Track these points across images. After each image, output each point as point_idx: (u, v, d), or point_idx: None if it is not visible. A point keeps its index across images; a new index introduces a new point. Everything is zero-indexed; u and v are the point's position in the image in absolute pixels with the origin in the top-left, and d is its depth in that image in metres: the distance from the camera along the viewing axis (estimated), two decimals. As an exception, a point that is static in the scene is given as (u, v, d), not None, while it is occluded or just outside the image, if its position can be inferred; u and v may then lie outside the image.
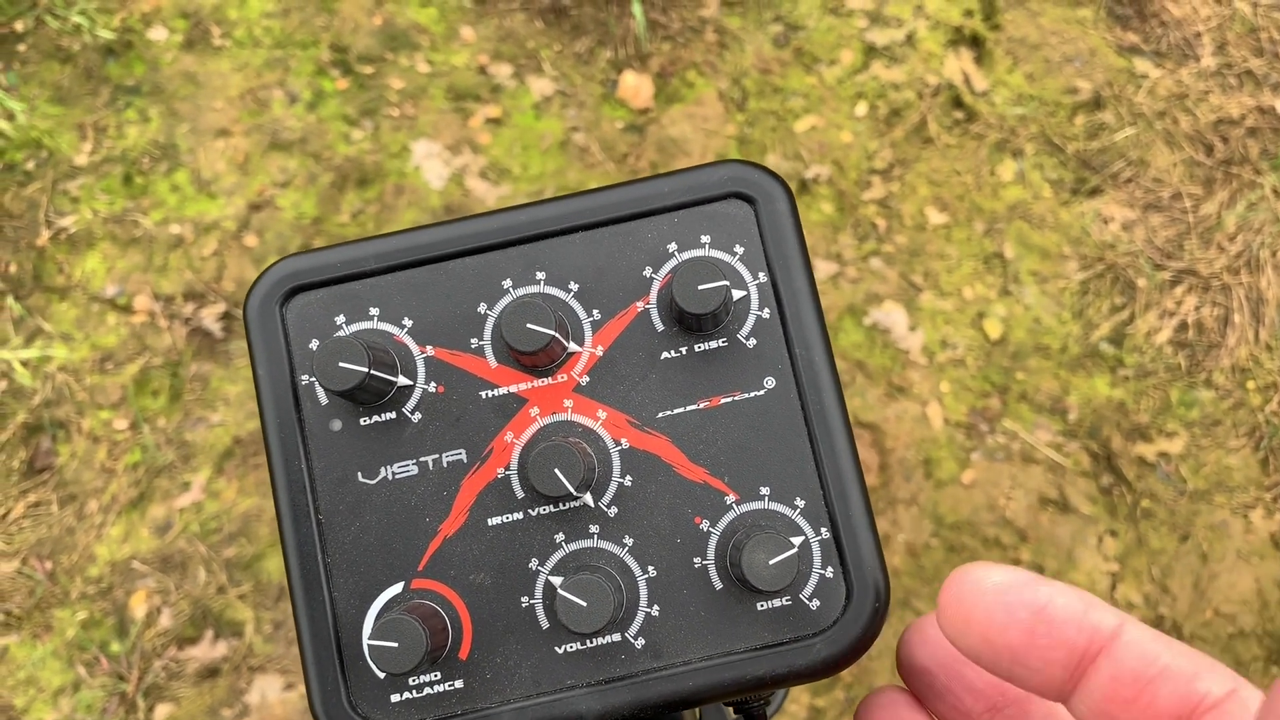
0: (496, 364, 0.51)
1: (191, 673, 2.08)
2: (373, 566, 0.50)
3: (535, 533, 0.50)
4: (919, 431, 2.17)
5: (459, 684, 0.49)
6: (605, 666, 0.49)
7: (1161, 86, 2.38)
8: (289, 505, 0.50)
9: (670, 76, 2.45)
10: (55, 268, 2.31)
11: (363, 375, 0.46)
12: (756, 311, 0.51)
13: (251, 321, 0.51)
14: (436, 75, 2.44)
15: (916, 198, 2.33)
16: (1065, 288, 2.25)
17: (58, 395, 2.22)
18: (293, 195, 2.34)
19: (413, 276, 0.52)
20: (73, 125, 2.41)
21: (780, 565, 0.46)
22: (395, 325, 0.51)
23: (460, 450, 0.50)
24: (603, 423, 0.51)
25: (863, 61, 2.44)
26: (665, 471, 0.50)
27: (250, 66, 2.45)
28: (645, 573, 0.50)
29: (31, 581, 2.11)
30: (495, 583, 0.50)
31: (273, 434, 0.50)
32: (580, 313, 0.51)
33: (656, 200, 0.52)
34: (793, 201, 0.52)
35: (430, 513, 0.50)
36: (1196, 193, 2.31)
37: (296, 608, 0.49)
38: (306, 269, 0.51)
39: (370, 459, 0.50)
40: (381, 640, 0.45)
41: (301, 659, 0.49)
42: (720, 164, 0.52)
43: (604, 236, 0.52)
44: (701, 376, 0.51)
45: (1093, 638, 0.38)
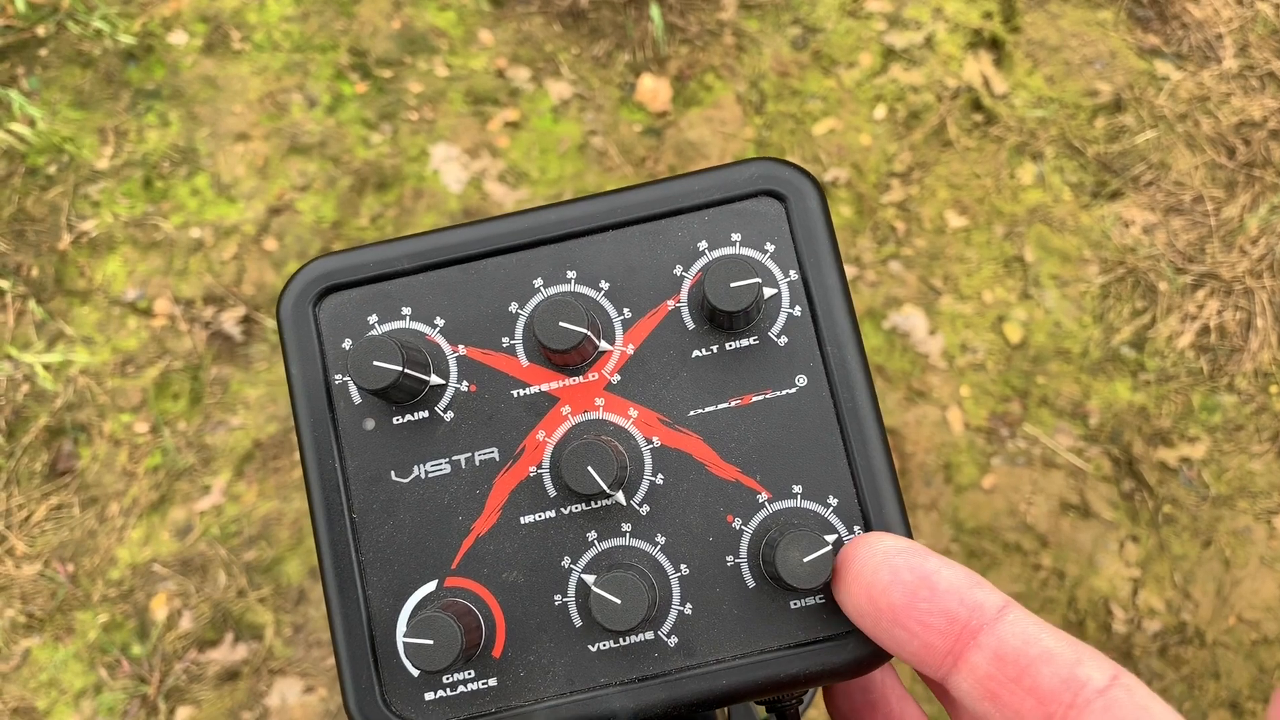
0: (528, 363, 0.51)
1: (212, 675, 2.08)
2: (406, 565, 0.50)
3: (568, 531, 0.50)
4: (939, 436, 2.16)
5: (493, 682, 0.49)
6: (638, 664, 0.49)
7: (1183, 89, 2.37)
8: (323, 504, 0.50)
9: (688, 79, 2.45)
10: (76, 271, 2.32)
11: (396, 374, 0.46)
12: (788, 309, 0.51)
13: (285, 321, 0.51)
14: (455, 79, 2.45)
15: (936, 201, 2.32)
16: (1086, 291, 2.24)
17: (79, 398, 2.23)
18: (312, 199, 2.35)
19: (444, 276, 0.52)
20: (94, 129, 2.42)
21: (814, 563, 0.45)
22: (427, 325, 0.51)
23: (493, 449, 0.50)
24: (634, 421, 0.50)
25: (881, 64, 2.43)
26: (697, 470, 0.50)
27: (269, 70, 2.46)
28: (678, 571, 0.49)
29: (53, 584, 2.12)
30: (528, 581, 0.50)
31: (306, 433, 0.50)
32: (611, 311, 0.51)
33: (687, 198, 0.52)
34: (824, 198, 0.52)
35: (463, 511, 0.50)
36: (1218, 196, 2.29)
37: (330, 606, 0.49)
38: (339, 269, 0.52)
39: (403, 457, 0.50)
40: (417, 638, 0.45)
41: (335, 657, 0.49)
42: (750, 161, 0.52)
43: (634, 235, 0.52)
44: (733, 375, 0.51)
45: (975, 613, 0.39)
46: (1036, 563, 2.10)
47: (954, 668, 0.39)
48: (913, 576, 0.40)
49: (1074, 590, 2.08)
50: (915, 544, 0.42)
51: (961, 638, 0.39)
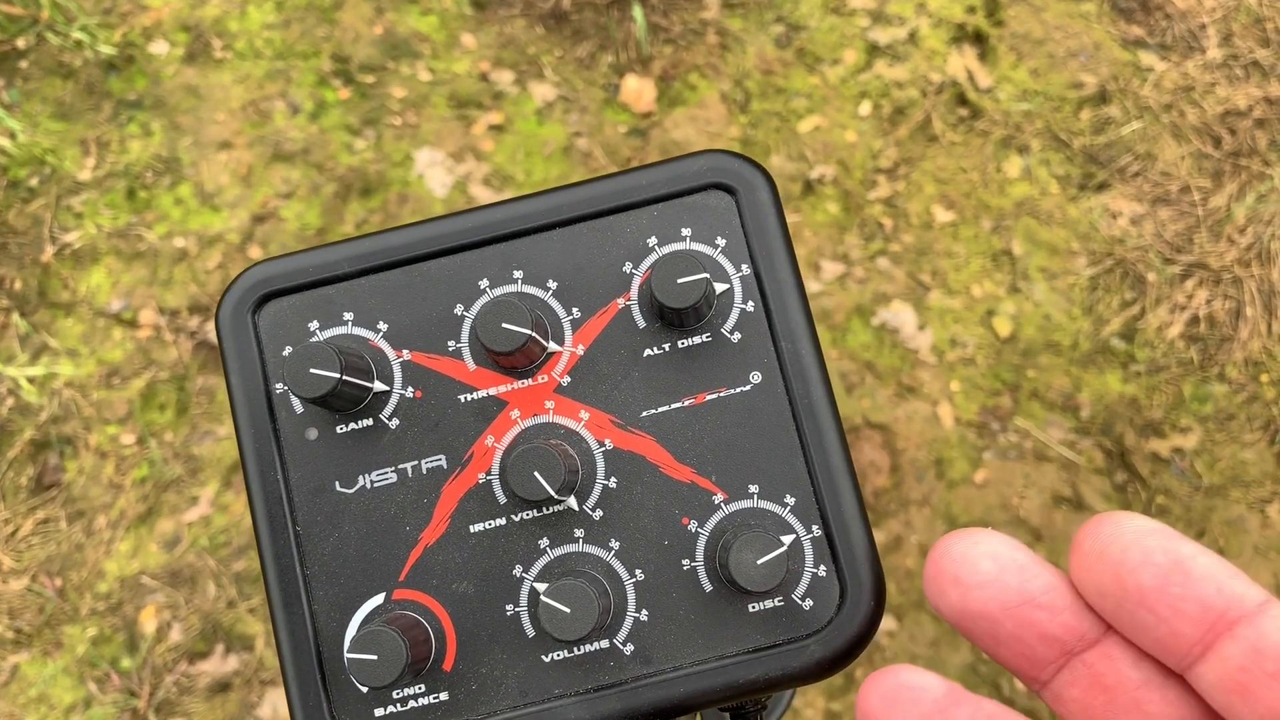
0: (475, 366, 0.50)
1: (203, 687, 2.07)
2: (353, 578, 0.48)
3: (519, 539, 0.49)
4: (930, 431, 2.15)
5: (444, 696, 0.48)
6: (593, 674, 0.48)
7: (1167, 79, 2.36)
8: (266, 517, 0.49)
9: (672, 79, 2.44)
10: (60, 283, 2.30)
11: (335, 381, 0.45)
12: (740, 305, 0.50)
13: (224, 330, 0.50)
14: (438, 83, 2.44)
15: (923, 196, 2.31)
16: (1074, 284, 2.23)
17: (64, 411, 2.21)
18: (296, 206, 2.34)
19: (387, 279, 0.50)
20: (75, 141, 2.41)
21: (769, 565, 0.44)
22: (370, 329, 0.50)
23: (440, 456, 0.49)
24: (585, 424, 0.49)
25: (865, 60, 2.42)
26: (651, 472, 0.49)
27: (252, 78, 2.45)
28: (633, 576, 0.48)
29: (41, 599, 2.11)
30: (479, 591, 0.48)
31: (248, 444, 0.49)
32: (560, 311, 0.50)
33: (635, 193, 0.50)
34: (775, 190, 0.51)
35: (411, 521, 0.49)
36: (1205, 185, 2.28)
37: (276, 621, 0.48)
38: (278, 274, 0.50)
39: (348, 467, 0.49)
40: (360, 653, 0.44)
41: (282, 674, 0.48)
42: (699, 154, 0.51)
43: (582, 232, 0.51)
44: (685, 373, 0.49)
45: (1233, 604, 0.37)
46: (1030, 557, 2.09)
47: (1201, 658, 0.38)
48: (1166, 559, 0.38)
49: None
50: (1166, 526, 0.39)
51: (1215, 628, 0.37)
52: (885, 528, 2.10)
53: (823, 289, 2.25)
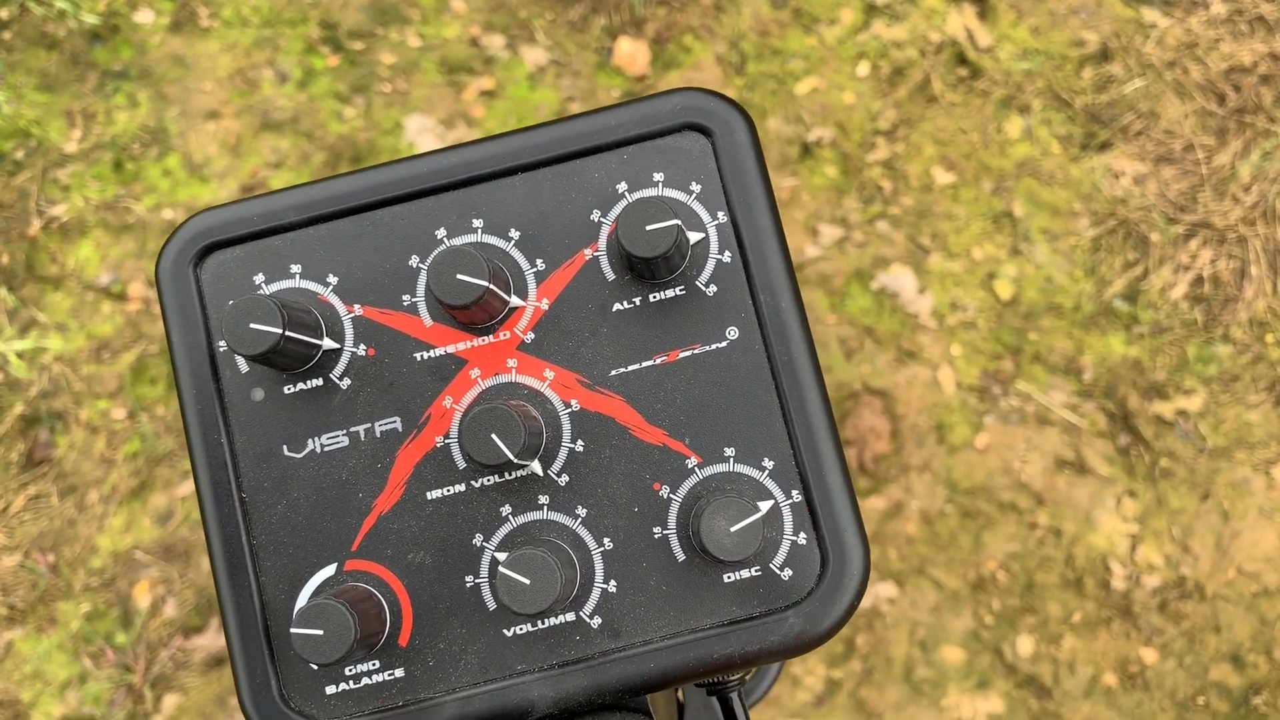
0: (432, 322, 0.46)
1: (198, 662, 2.05)
2: (303, 548, 0.46)
3: (479, 506, 0.46)
4: (931, 396, 2.12)
5: (399, 673, 0.45)
6: (558, 649, 0.45)
7: (1171, 36, 2.32)
8: (209, 483, 0.46)
9: (666, 42, 2.39)
10: (48, 257, 2.27)
11: (276, 338, 0.42)
12: (716, 255, 0.46)
13: (164, 284, 0.47)
14: (428, 49, 2.40)
15: (922, 158, 2.28)
16: (1077, 245, 2.19)
17: (54, 386, 2.19)
18: (286, 176, 2.30)
19: (337, 228, 0.47)
20: (61, 112, 2.37)
21: (743, 533, 0.41)
22: (319, 283, 0.47)
23: (394, 418, 0.46)
24: (550, 383, 0.46)
25: (863, 20, 2.38)
26: (620, 434, 0.46)
27: (239, 46, 2.41)
28: (601, 545, 0.45)
29: (34, 575, 2.09)
30: (436, 562, 0.45)
31: (189, 406, 0.46)
32: (523, 263, 0.47)
33: (603, 135, 0.47)
34: (754, 132, 0.47)
35: (364, 487, 0.46)
36: (1209, 143, 2.24)
37: (221, 594, 0.45)
38: (220, 224, 0.47)
39: (296, 430, 0.46)
40: (306, 628, 0.41)
41: (229, 650, 0.45)
42: (673, 93, 0.48)
43: (547, 178, 0.47)
44: (658, 329, 0.46)
45: None
46: (1033, 521, 2.06)
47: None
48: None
49: (1071, 548, 2.04)
50: None
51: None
52: (885, 494, 2.08)
53: (821, 253, 2.22)
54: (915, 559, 2.05)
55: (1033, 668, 1.98)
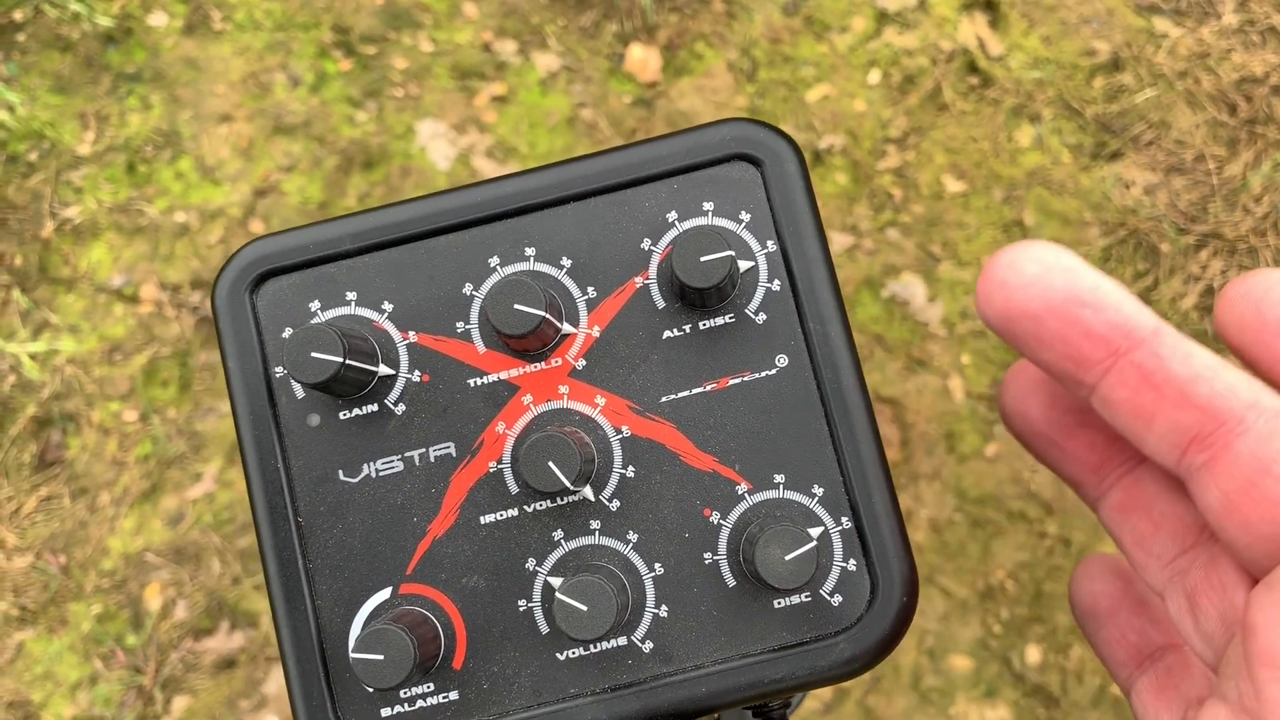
0: (485, 349, 0.47)
1: (208, 664, 2.06)
2: (358, 571, 0.46)
3: (532, 530, 0.46)
4: (940, 405, 2.13)
5: (454, 695, 0.45)
6: (611, 673, 0.45)
7: (1182, 46, 2.32)
8: (266, 507, 0.46)
9: (678, 48, 2.40)
10: (61, 259, 2.28)
11: (337, 366, 0.43)
12: (765, 283, 0.47)
13: (220, 311, 0.48)
14: (440, 54, 2.40)
15: (933, 166, 2.28)
16: (1087, 254, 2.20)
17: (66, 388, 2.20)
18: (298, 180, 2.31)
19: (392, 256, 0.48)
20: (74, 114, 2.38)
21: (798, 561, 0.42)
22: (374, 310, 0.47)
23: (448, 443, 0.47)
24: (601, 409, 0.47)
25: (875, 28, 2.38)
26: (670, 460, 0.46)
27: (252, 50, 2.42)
28: (652, 571, 0.46)
29: (45, 576, 2.10)
30: (490, 586, 0.46)
31: (246, 431, 0.47)
32: (574, 291, 0.47)
33: (654, 165, 0.48)
34: (803, 162, 0.48)
35: (418, 512, 0.46)
36: (1220, 154, 2.25)
37: (277, 617, 0.46)
38: (277, 252, 0.48)
39: (352, 455, 0.47)
40: (366, 653, 0.41)
41: (285, 673, 0.46)
42: (722, 123, 0.48)
43: (598, 207, 0.48)
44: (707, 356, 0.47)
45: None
46: (1042, 530, 2.07)
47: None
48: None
49: (1081, 557, 2.05)
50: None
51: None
52: (895, 502, 2.08)
53: (832, 261, 2.22)
54: (924, 567, 2.05)
55: (1041, 677, 1.99)
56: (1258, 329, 0.40)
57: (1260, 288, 0.40)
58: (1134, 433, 0.41)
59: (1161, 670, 0.49)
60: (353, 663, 0.41)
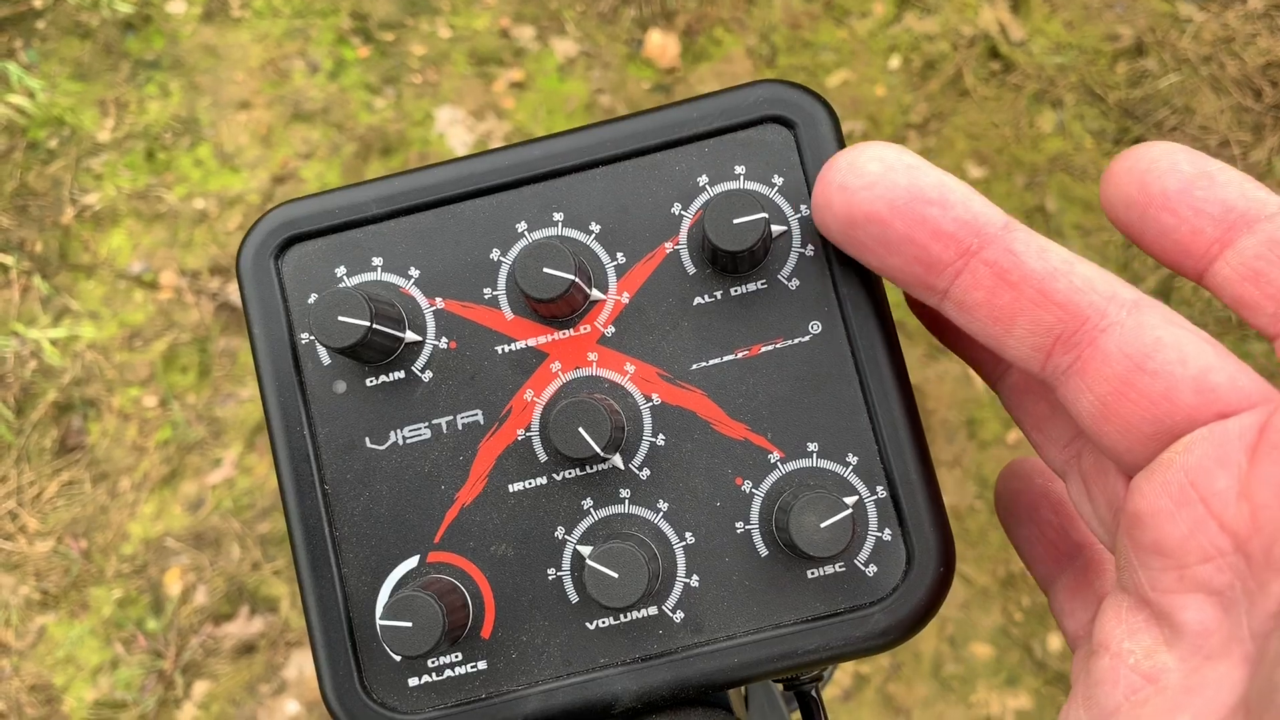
0: (513, 315, 0.46)
1: (228, 649, 2.06)
2: (385, 540, 0.46)
3: (560, 499, 0.45)
4: (961, 392, 2.12)
5: (482, 665, 0.45)
6: (641, 643, 0.45)
7: (1207, 30, 2.30)
8: (292, 475, 0.46)
9: (697, 34, 2.39)
10: (81, 246, 2.29)
11: (364, 330, 0.42)
12: (799, 249, 0.46)
13: (245, 276, 0.47)
14: (458, 40, 2.40)
15: (954, 152, 2.27)
16: (1110, 241, 2.18)
17: (87, 374, 2.20)
18: (316, 166, 2.31)
19: (419, 221, 0.47)
20: (94, 101, 2.38)
21: (833, 528, 0.41)
22: (401, 276, 0.47)
23: (476, 411, 0.46)
24: (631, 377, 0.46)
25: (895, 13, 2.37)
26: (702, 428, 0.46)
27: (270, 37, 2.42)
28: (682, 540, 0.45)
29: (67, 560, 2.11)
30: (518, 554, 0.45)
31: (271, 398, 0.46)
32: (603, 256, 0.46)
33: (684, 128, 0.47)
34: (837, 123, 0.47)
35: (446, 480, 0.46)
36: (1245, 139, 2.23)
37: (303, 586, 0.45)
38: (302, 216, 0.47)
39: (379, 423, 0.46)
40: (394, 620, 0.41)
41: (311, 642, 0.45)
42: (755, 85, 0.47)
43: (627, 171, 0.47)
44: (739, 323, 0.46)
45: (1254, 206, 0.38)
46: (1063, 519, 2.06)
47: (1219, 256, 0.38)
48: (1192, 169, 0.38)
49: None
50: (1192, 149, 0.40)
51: (1235, 226, 0.38)
52: (916, 489, 2.08)
53: (852, 247, 2.21)
54: (945, 554, 2.04)
55: (1062, 665, 1.97)
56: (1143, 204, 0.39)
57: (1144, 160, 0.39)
58: (994, 337, 0.39)
59: (1078, 568, 0.48)
60: (380, 630, 0.41)
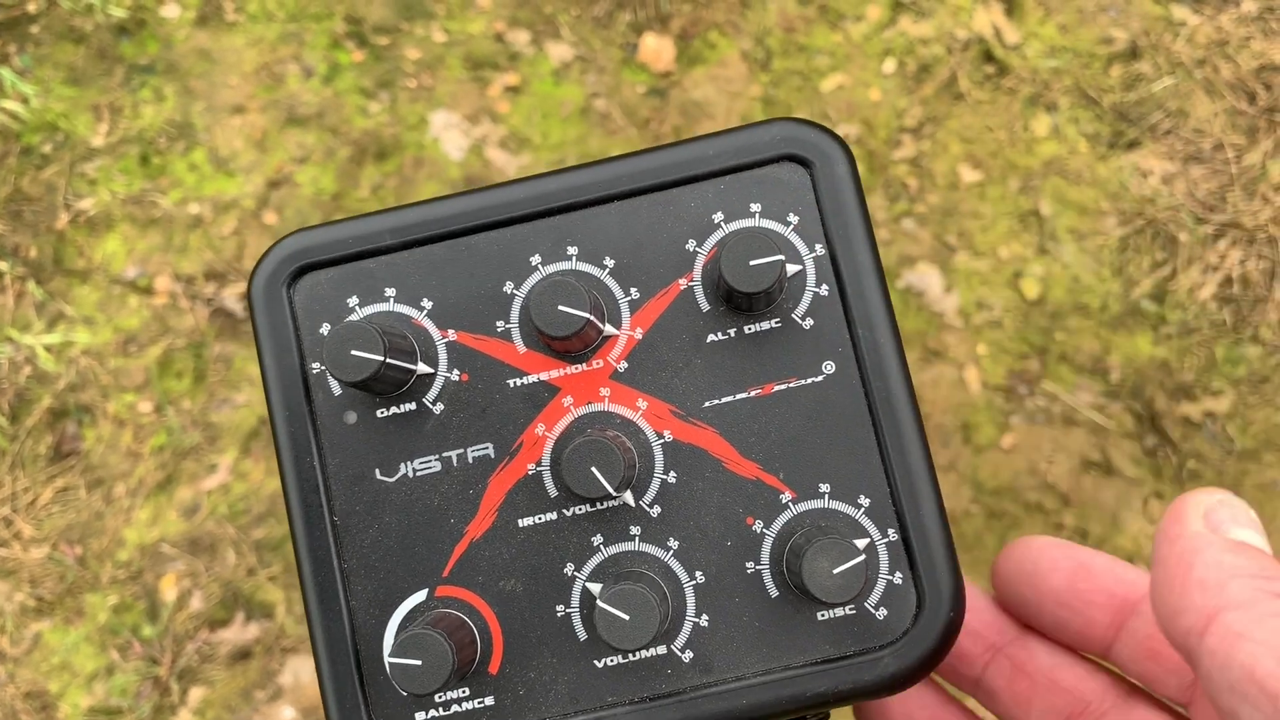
0: (525, 349, 0.46)
1: (224, 655, 2.06)
2: (393, 572, 0.45)
3: (570, 535, 0.45)
4: (956, 396, 2.12)
5: (489, 701, 0.45)
6: (650, 682, 0.45)
7: (1201, 34, 2.31)
8: (301, 506, 0.46)
9: (692, 38, 2.39)
10: (75, 251, 2.28)
11: (378, 364, 0.42)
12: (813, 288, 0.46)
13: (257, 304, 0.47)
14: (453, 44, 2.39)
15: (948, 156, 2.27)
16: (1104, 244, 2.18)
17: (81, 379, 2.20)
18: (311, 171, 2.30)
19: (432, 253, 0.47)
20: (88, 106, 2.37)
21: (846, 575, 0.41)
22: (414, 307, 0.47)
23: (487, 444, 0.46)
24: (643, 413, 0.46)
25: (890, 17, 2.37)
26: (713, 467, 0.46)
27: (264, 41, 2.41)
28: (692, 579, 0.45)
29: (61, 567, 2.10)
30: (527, 590, 0.45)
31: (281, 428, 0.46)
32: (617, 291, 0.46)
33: (700, 164, 0.47)
34: (853, 163, 0.47)
35: (455, 513, 0.46)
36: (1239, 143, 2.23)
37: (311, 618, 0.45)
38: (315, 245, 0.47)
39: (389, 454, 0.46)
40: (404, 658, 0.41)
41: (318, 674, 0.45)
42: (771, 123, 0.47)
43: (642, 206, 0.47)
44: (752, 361, 0.46)
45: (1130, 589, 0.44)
46: (1059, 522, 2.06)
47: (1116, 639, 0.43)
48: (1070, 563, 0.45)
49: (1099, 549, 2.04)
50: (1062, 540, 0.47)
51: (1122, 610, 0.43)
52: (912, 494, 2.08)
53: (847, 252, 2.21)
54: (941, 559, 2.05)
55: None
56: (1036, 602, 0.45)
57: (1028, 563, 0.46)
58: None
59: None
60: (389, 667, 0.41)
